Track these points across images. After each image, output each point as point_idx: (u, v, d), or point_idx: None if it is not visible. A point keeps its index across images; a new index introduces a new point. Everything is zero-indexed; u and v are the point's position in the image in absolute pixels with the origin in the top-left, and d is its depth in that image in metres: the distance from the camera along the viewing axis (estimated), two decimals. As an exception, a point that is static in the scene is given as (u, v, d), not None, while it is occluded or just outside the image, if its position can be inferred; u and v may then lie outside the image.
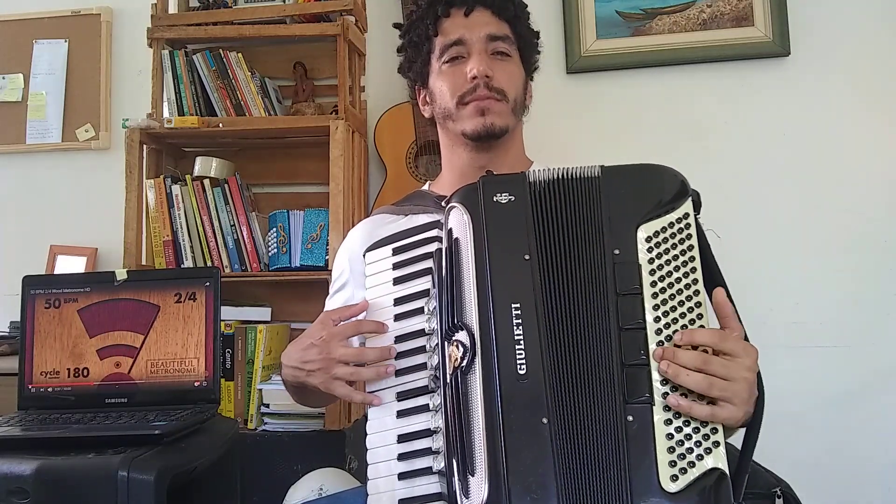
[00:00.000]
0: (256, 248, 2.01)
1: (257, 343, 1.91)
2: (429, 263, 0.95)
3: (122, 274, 1.55)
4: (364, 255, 1.03)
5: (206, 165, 2.06)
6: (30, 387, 1.51)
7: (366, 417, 0.94)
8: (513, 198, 0.90)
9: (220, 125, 2.01)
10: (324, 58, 2.16)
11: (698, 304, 0.83)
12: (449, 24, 1.15)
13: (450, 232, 0.92)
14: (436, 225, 0.97)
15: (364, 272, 1.02)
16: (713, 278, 0.89)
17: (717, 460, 0.77)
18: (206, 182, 2.02)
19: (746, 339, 0.88)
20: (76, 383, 1.50)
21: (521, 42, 1.18)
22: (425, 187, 1.28)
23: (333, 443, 1.79)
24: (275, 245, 1.98)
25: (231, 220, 2.00)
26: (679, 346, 0.81)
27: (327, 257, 1.92)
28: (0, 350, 1.96)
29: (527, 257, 0.87)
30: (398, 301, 0.97)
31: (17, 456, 1.19)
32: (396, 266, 0.98)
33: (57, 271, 2.23)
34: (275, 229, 1.99)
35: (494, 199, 0.90)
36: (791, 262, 2.00)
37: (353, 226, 1.31)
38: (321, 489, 1.44)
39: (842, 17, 2.03)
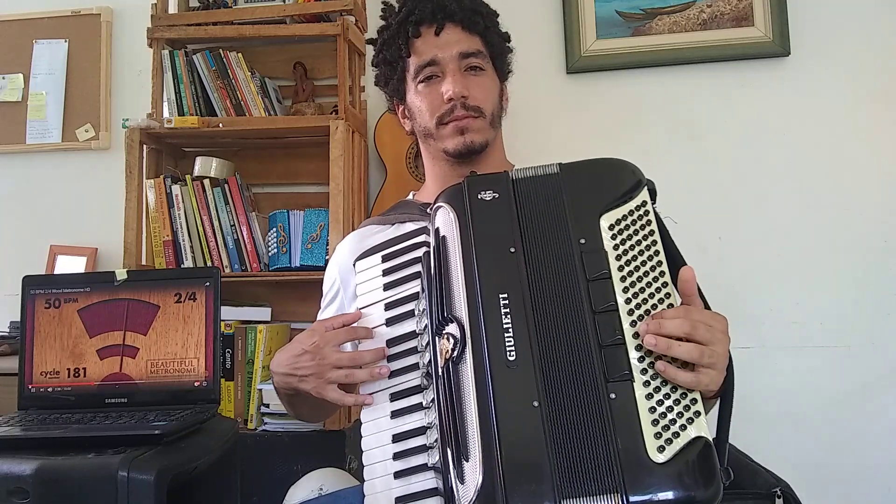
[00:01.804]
0: (256, 248, 2.01)
1: (257, 343, 1.91)
2: (418, 268, 0.97)
3: (122, 274, 1.55)
4: (354, 265, 1.05)
5: (206, 165, 2.06)
6: (30, 387, 1.51)
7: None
8: (497, 195, 0.93)
9: (220, 125, 2.01)
10: (324, 58, 2.16)
11: (665, 285, 0.86)
12: (421, 43, 1.17)
13: (437, 231, 0.95)
14: (423, 231, 1.00)
15: (355, 282, 1.04)
16: (675, 260, 0.91)
17: (700, 429, 0.79)
18: (206, 182, 2.02)
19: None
20: (76, 383, 1.50)
21: (493, 51, 1.19)
22: (409, 196, 1.29)
23: (333, 443, 1.79)
24: (275, 245, 1.98)
25: (231, 220, 2.00)
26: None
27: (327, 257, 1.92)
28: (0, 350, 1.96)
29: (512, 250, 0.89)
30: (389, 306, 0.99)
31: (17, 456, 1.19)
32: (386, 272, 1.01)
33: (57, 271, 2.23)
34: (275, 229, 1.99)
35: (479, 197, 0.93)
36: (791, 262, 2.00)
37: (353, 226, 1.32)
38: (321, 489, 1.44)
39: (842, 16, 2.03)
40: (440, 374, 0.88)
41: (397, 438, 0.92)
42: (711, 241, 2.02)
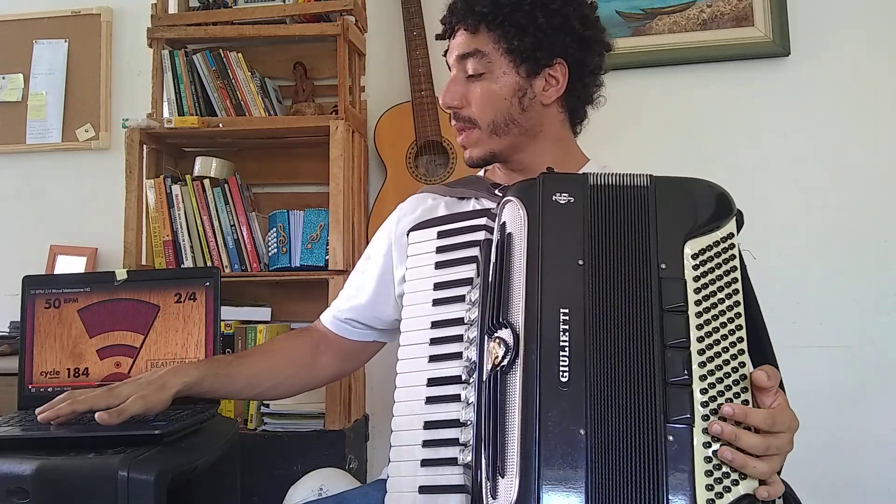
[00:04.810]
0: (256, 248, 2.01)
1: (257, 343, 1.91)
2: (473, 252, 0.93)
3: (122, 274, 1.55)
4: (408, 234, 1.02)
5: (206, 165, 2.06)
6: (30, 387, 1.51)
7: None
8: (572, 199, 0.87)
9: (220, 125, 2.01)
10: (324, 58, 2.16)
11: (739, 328, 0.82)
12: (450, 46, 1.15)
13: (503, 225, 0.89)
14: (485, 213, 0.95)
15: (406, 252, 1.02)
16: (749, 301, 0.87)
17: (750, 487, 0.77)
18: (206, 182, 2.02)
19: (782, 386, 0.88)
20: (76, 383, 1.50)
21: (510, 46, 1.06)
22: (480, 173, 1.24)
23: (333, 443, 1.79)
24: (275, 245, 1.98)
25: (231, 220, 2.00)
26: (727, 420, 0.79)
27: (327, 257, 1.92)
28: (0, 350, 1.96)
29: (580, 262, 0.84)
30: (438, 286, 0.95)
31: (17, 456, 1.19)
32: (440, 250, 0.97)
33: (57, 271, 2.23)
34: (275, 229, 1.99)
35: (553, 199, 0.87)
36: (791, 262, 2.00)
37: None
38: (321, 489, 1.44)
39: (842, 17, 2.03)
40: (485, 378, 0.84)
41: (429, 426, 0.88)
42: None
